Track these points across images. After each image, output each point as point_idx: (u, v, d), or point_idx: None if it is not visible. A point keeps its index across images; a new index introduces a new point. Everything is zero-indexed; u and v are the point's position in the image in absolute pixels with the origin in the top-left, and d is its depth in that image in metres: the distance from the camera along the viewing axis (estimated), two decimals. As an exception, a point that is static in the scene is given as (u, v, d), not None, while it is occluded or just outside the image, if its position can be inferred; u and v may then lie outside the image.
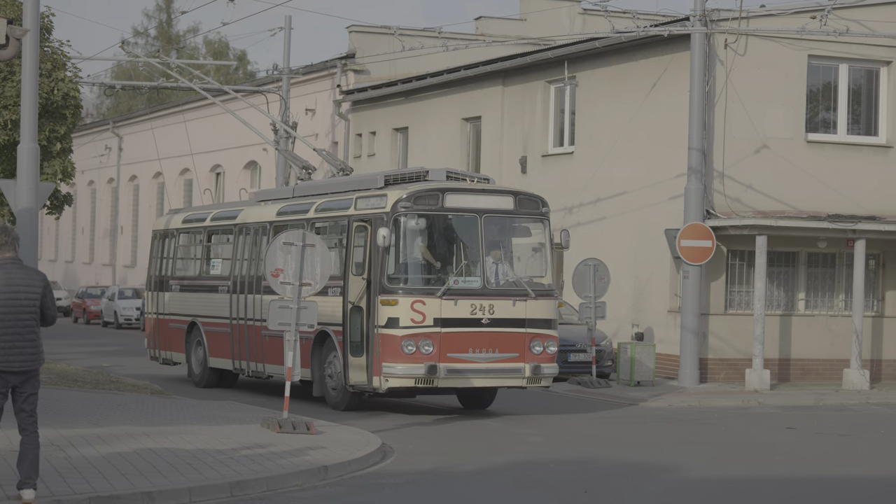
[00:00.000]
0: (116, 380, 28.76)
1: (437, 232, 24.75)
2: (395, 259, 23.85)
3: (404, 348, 23.02)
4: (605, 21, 35.36)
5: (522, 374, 23.77)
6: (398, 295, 23.27)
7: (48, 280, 13.68)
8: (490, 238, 24.16)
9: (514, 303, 23.82)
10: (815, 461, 20.15)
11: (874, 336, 34.26)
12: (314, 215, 25.97)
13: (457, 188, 24.62)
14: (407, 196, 23.62)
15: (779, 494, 17.03)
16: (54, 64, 35.97)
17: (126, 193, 76.76)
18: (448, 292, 23.33)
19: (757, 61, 33.41)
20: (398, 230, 23.56)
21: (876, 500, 16.78)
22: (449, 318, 23.35)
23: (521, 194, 25.14)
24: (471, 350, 23.49)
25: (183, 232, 32.28)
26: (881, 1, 34.67)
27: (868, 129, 35.24)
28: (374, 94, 50.36)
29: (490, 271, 23.91)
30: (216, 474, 15.89)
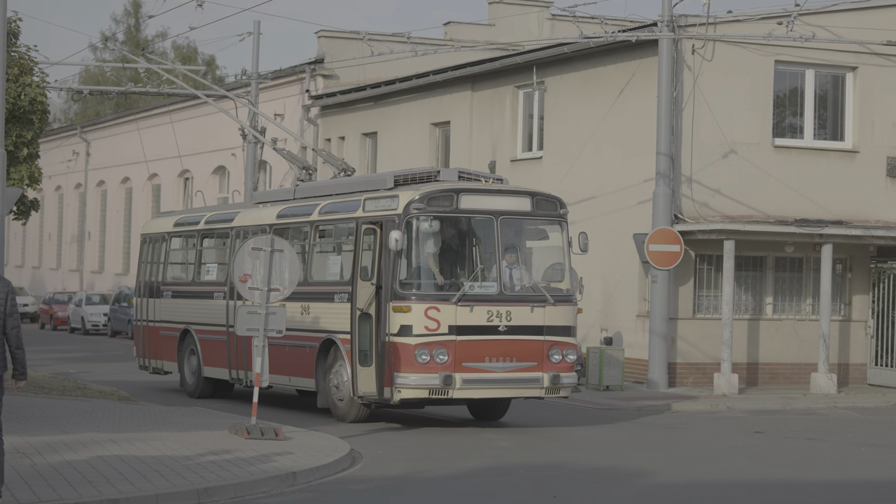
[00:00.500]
0: (83, 386, 28.64)
1: (451, 235, 23.46)
2: (408, 263, 22.64)
3: (418, 357, 21.79)
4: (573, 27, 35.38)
5: (541, 383, 22.63)
6: (411, 301, 22.07)
7: (13, 287, 13.61)
8: (506, 241, 22.91)
9: (532, 309, 22.60)
10: (783, 465, 20.14)
11: (841, 340, 34.36)
12: (318, 217, 24.94)
13: (472, 189, 23.39)
14: (420, 197, 22.42)
15: (748, 499, 17.06)
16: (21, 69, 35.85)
17: (94, 199, 76.54)
18: (463, 298, 22.14)
19: (724, 67, 33.46)
20: (411, 233, 22.33)
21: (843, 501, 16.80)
22: (465, 325, 22.13)
23: (538, 195, 23.80)
24: (487, 359, 22.27)
25: (175, 236, 31.21)
26: (847, 7, 34.78)
27: (834, 134, 35.33)
28: (342, 98, 50.30)
29: (507, 276, 22.70)
30: (183, 481, 15.82)
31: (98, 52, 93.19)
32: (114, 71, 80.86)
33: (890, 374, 33.82)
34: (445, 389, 21.85)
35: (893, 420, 27.31)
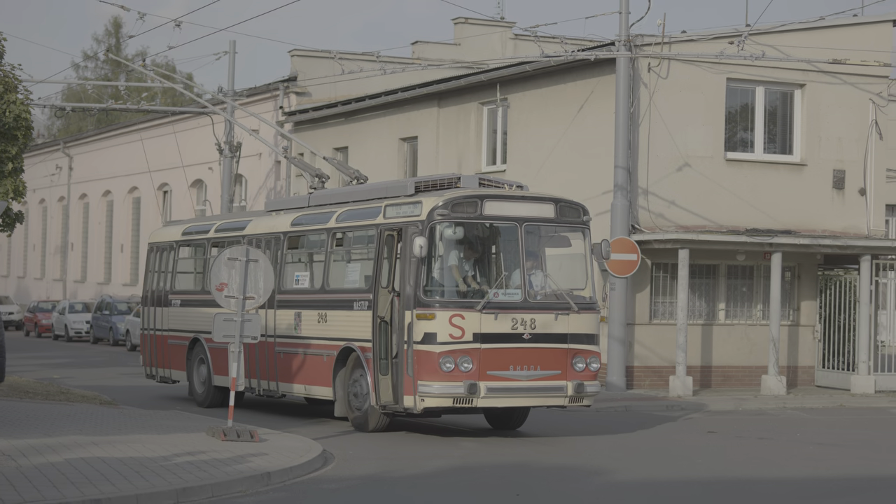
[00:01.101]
0: (67, 391, 28.54)
1: (475, 241, 21.97)
2: (432, 270, 21.25)
3: (442, 366, 20.42)
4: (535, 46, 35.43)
5: (565, 392, 21.29)
6: (436, 309, 20.66)
7: None
8: (530, 248, 21.64)
9: (557, 317, 21.25)
10: (736, 463, 20.19)
11: (790, 344, 34.50)
12: (336, 225, 23.67)
13: (496, 195, 21.94)
14: (444, 203, 21.02)
15: (701, 495, 17.10)
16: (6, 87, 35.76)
17: (76, 211, 76.39)
18: (488, 306, 20.75)
19: (678, 84, 33.58)
20: (434, 239, 20.93)
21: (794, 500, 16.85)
22: (489, 333, 20.72)
23: (562, 202, 22.39)
24: (511, 367, 20.89)
25: (183, 244, 29.89)
26: (795, 28, 34.96)
27: (783, 148, 35.48)
28: (315, 115, 50.30)
29: (531, 283, 21.28)
30: (162, 481, 15.76)
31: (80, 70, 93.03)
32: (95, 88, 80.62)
33: (836, 376, 33.97)
34: (470, 398, 20.59)
35: (839, 420, 27.40)
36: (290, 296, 24.37)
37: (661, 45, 33.50)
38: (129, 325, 52.11)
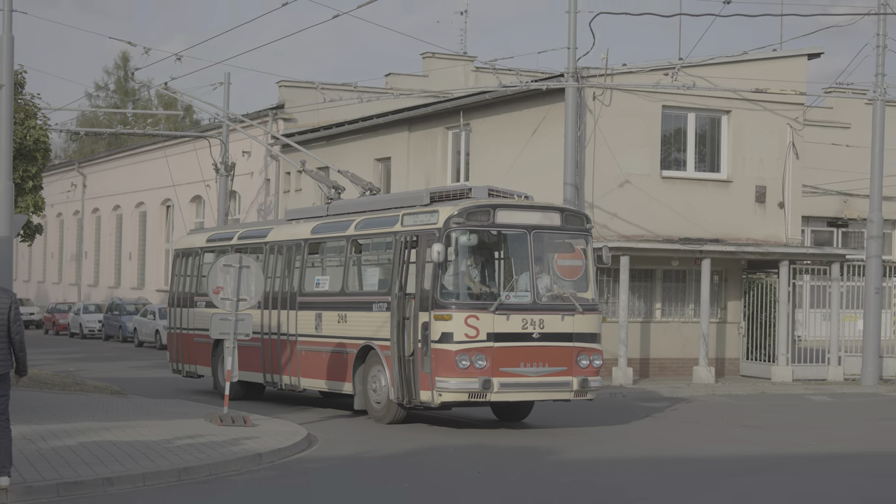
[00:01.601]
0: (81, 382, 28.41)
1: (487, 247, 21.29)
2: (448, 274, 20.33)
3: (458, 363, 19.71)
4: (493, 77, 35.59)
5: (571, 387, 20.60)
6: (452, 310, 19.89)
7: (16, 299, 13.59)
8: (538, 253, 20.80)
9: (563, 317, 20.53)
10: (671, 444, 20.27)
11: (718, 338, 34.62)
12: (355, 232, 22.91)
13: (507, 204, 21.27)
14: (459, 212, 20.29)
15: (642, 470, 17.17)
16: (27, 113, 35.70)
17: (89, 224, 76.17)
18: (501, 307, 20.05)
19: (620, 110, 33.68)
20: (450, 245, 20.13)
21: (725, 475, 16.90)
22: (502, 332, 19.99)
23: (567, 211, 21.99)
24: (522, 364, 20.18)
25: (207, 251, 28.79)
26: (721, 61, 35.09)
27: (712, 166, 35.60)
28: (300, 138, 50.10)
29: (539, 286, 20.53)
30: (166, 462, 15.74)
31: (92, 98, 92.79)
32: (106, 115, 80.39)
33: (759, 367, 34.10)
34: (484, 393, 19.86)
35: (761, 405, 27.49)
36: (311, 298, 23.70)
37: (605, 76, 33.58)
38: (137, 324, 51.94)
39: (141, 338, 50.95)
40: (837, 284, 34.63)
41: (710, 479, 16.56)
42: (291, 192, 50.99)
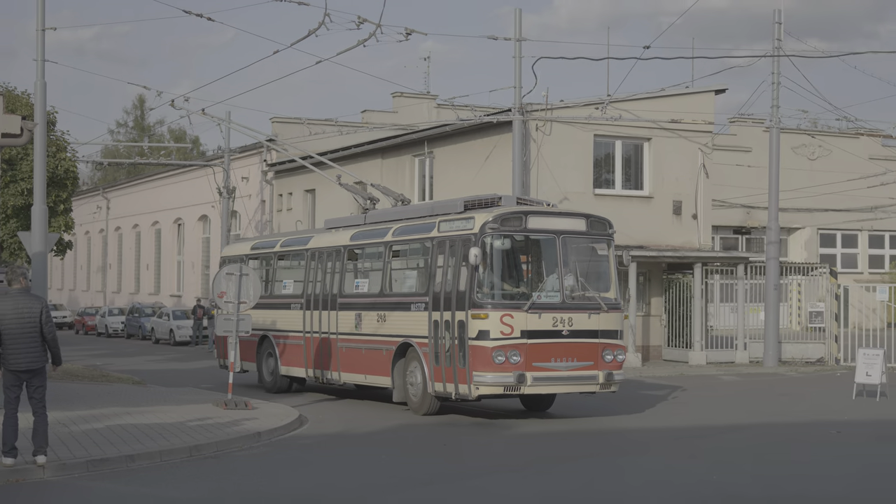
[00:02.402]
0: (107, 374, 28.27)
1: (520, 251, 19.75)
2: (484, 276, 18.68)
3: (495, 358, 18.14)
4: (452, 112, 35.61)
5: (597, 380, 19.03)
6: (488, 309, 18.33)
7: (47, 304, 13.70)
8: (566, 256, 19.20)
9: (590, 316, 18.99)
10: (612, 417, 20.23)
11: (644, 329, 34.68)
12: (392, 238, 21.43)
13: (538, 211, 19.83)
14: (493, 218, 18.73)
15: (588, 439, 17.17)
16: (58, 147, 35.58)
17: (112, 240, 75.90)
18: (533, 306, 18.51)
19: (558, 139, 33.76)
20: (486, 249, 18.53)
21: (656, 441, 16.94)
22: (534, 330, 18.44)
23: (591, 217, 20.16)
24: (553, 359, 18.62)
25: (252, 258, 26.71)
26: (643, 97, 35.25)
27: (636, 185, 35.73)
28: (290, 165, 50.14)
29: (568, 287, 18.99)
30: (179, 441, 15.71)
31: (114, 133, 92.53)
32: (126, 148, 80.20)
33: (678, 352, 34.19)
34: (518, 386, 18.34)
35: (681, 384, 27.52)
36: (351, 299, 22.26)
37: (545, 110, 33.69)
38: (154, 325, 51.67)
39: (157, 336, 50.72)
40: (742, 282, 34.81)
41: (643, 444, 16.62)
42: (284, 212, 50.85)
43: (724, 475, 13.93)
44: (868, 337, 34.84)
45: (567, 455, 15.83)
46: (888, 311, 39.40)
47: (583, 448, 16.55)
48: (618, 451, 16.26)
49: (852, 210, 51.60)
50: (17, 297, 13.33)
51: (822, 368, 32.93)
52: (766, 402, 23.30)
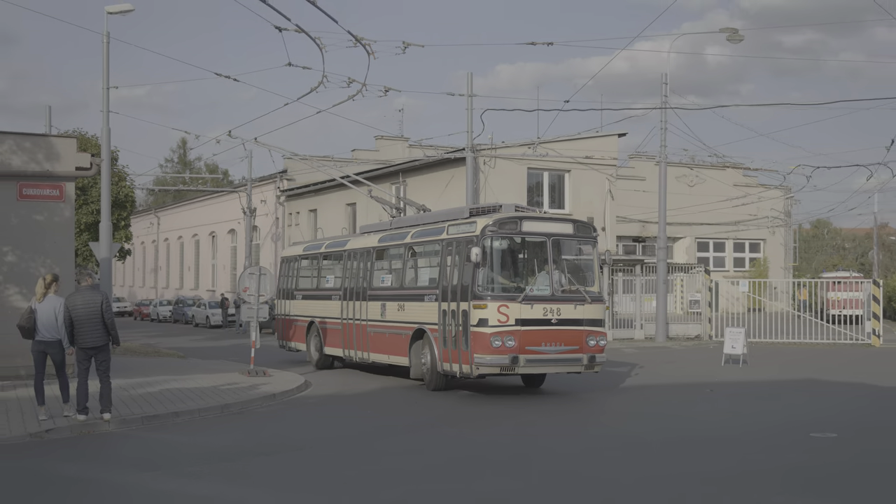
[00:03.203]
0: (158, 351, 28.00)
1: (515, 250, 17.93)
2: (484, 272, 17.03)
3: (493, 343, 16.60)
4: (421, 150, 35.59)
5: (581, 362, 17.28)
6: (487, 300, 16.73)
7: (107, 297, 13.72)
8: (556, 255, 17.52)
9: (575, 306, 17.20)
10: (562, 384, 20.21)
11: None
12: (411, 241, 20.00)
13: (531, 216, 18.00)
14: (493, 222, 17.24)
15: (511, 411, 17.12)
16: (119, 177, 35.41)
17: (162, 248, 75.39)
18: (526, 298, 16.81)
19: (500, 171, 33.84)
20: (485, 249, 16.99)
21: (565, 400, 16.93)
22: (527, 318, 16.80)
23: (578, 222, 18.35)
24: (543, 344, 16.96)
25: (303, 258, 25.23)
26: (564, 138, 35.41)
27: (560, 205, 35.90)
28: (298, 191, 50.07)
29: (556, 282, 17.24)
30: (213, 400, 15.59)
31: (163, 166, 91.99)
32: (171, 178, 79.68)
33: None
34: (513, 367, 16.81)
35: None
36: (378, 292, 20.64)
37: (491, 149, 33.79)
38: (194, 312, 51.25)
39: (196, 321, 50.33)
40: (639, 278, 34.94)
41: (560, 403, 16.59)
42: (293, 227, 50.76)
43: (628, 425, 13.96)
44: (733, 319, 35.09)
45: (506, 415, 15.78)
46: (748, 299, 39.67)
47: (519, 410, 16.51)
48: (542, 411, 16.19)
49: (721, 224, 52.01)
50: (85, 291, 13.23)
51: (699, 343, 33.13)
52: (658, 368, 23.38)
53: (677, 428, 13.59)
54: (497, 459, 11.22)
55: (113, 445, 12.26)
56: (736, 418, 14.68)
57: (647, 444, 12.18)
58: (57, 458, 11.26)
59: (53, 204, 18.73)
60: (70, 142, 19.24)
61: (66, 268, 18.51)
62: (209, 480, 9.91)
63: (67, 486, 9.76)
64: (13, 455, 11.42)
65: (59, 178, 18.72)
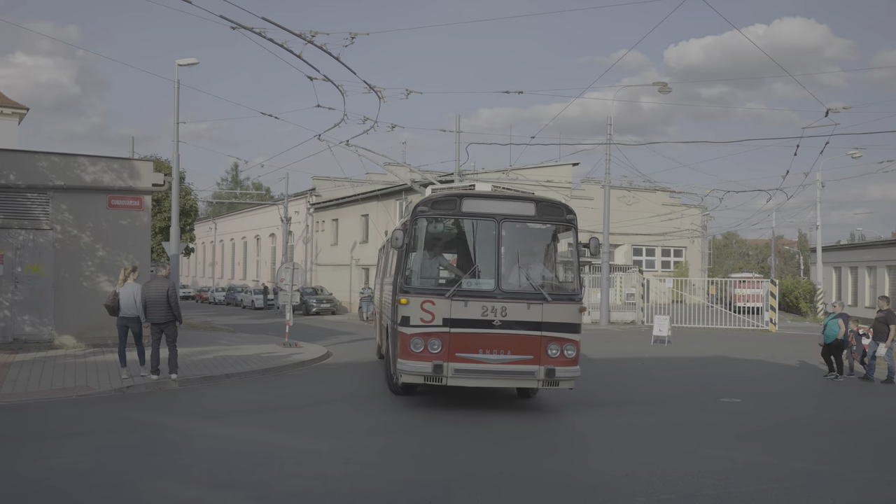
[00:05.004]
0: (213, 326, 27.88)
1: (454, 235, 11.70)
2: (412, 260, 11.19)
3: (412, 346, 10.79)
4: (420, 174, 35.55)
5: (536, 376, 10.88)
6: (410, 295, 10.89)
7: (172, 284, 13.58)
8: (508, 243, 11.13)
9: (529, 306, 10.82)
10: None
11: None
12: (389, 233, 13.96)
13: (476, 193, 11.42)
14: (424, 200, 11.33)
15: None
16: (186, 192, 35.28)
17: (218, 248, 75.02)
18: (458, 293, 10.79)
19: (482, 191, 33.74)
20: (416, 233, 11.19)
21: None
22: (458, 318, 10.74)
23: (543, 201, 11.53)
24: (481, 351, 10.78)
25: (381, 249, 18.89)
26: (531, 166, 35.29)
27: (527, 218, 35.87)
28: (324, 205, 49.90)
29: (504, 275, 10.98)
30: (256, 365, 15.55)
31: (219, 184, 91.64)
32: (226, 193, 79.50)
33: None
34: (437, 377, 10.81)
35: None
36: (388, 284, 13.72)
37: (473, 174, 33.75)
38: (242, 297, 51.05)
39: (244, 304, 50.12)
40: (588, 276, 34.90)
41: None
42: (319, 232, 50.59)
43: (578, 392, 13.99)
44: (660, 308, 35.18)
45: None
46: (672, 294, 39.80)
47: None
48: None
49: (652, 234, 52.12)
50: (157, 280, 13.24)
51: (634, 327, 33.15)
52: (601, 345, 23.41)
53: (617, 393, 13.60)
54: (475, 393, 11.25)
55: (178, 399, 12.25)
56: (662, 383, 14.72)
57: (587, 404, 12.15)
58: (135, 408, 11.26)
59: (134, 212, 18.72)
60: (148, 164, 19.23)
61: (143, 261, 18.50)
62: (252, 427, 9.92)
63: (143, 429, 9.78)
64: (103, 405, 11.44)
65: (139, 192, 18.73)
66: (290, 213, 49.71)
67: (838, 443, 9.69)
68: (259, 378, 14.51)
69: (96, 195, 18.34)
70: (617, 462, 8.42)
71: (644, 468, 8.15)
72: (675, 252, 55.71)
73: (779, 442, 9.66)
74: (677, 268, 54.69)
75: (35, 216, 17.85)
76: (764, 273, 62.29)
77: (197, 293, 65.25)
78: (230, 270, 71.90)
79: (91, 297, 17.83)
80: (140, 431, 9.62)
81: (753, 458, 8.74)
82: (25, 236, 17.73)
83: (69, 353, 16.57)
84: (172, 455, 8.46)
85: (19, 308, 17.48)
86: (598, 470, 8.09)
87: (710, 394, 13.33)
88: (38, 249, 17.81)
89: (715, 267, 64.82)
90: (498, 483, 7.51)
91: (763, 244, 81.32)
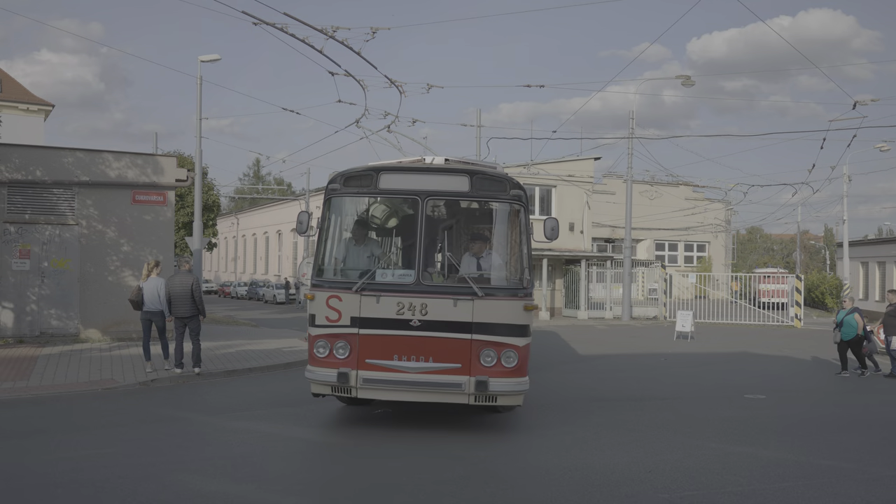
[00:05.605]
0: (236, 320, 28.02)
1: (368, 218, 9.77)
2: (322, 250, 9.30)
3: (316, 351, 8.78)
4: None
5: (464, 389, 8.47)
6: (315, 289, 8.95)
7: (196, 279, 13.67)
8: (434, 225, 8.96)
9: (456, 303, 8.48)
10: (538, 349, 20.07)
11: (552, 298, 34.57)
12: None
13: (396, 167, 9.02)
14: (336, 177, 9.13)
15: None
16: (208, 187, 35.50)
17: (240, 242, 75.57)
18: (368, 287, 8.64)
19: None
20: (326, 216, 9.26)
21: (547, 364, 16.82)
22: (369, 317, 8.59)
23: (480, 174, 8.81)
24: (396, 357, 8.54)
25: None
26: (552, 161, 35.20)
27: (548, 213, 35.71)
28: (345, 199, 49.89)
29: (426, 265, 8.71)
30: (278, 359, 15.64)
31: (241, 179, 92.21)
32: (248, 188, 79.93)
33: (571, 311, 34.03)
34: (344, 387, 8.69)
35: (573, 330, 27.51)
36: None
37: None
38: (264, 292, 51.41)
39: (266, 299, 50.44)
40: (610, 271, 34.80)
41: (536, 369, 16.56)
42: (341, 226, 50.77)
43: (595, 384, 13.94)
44: (683, 304, 34.95)
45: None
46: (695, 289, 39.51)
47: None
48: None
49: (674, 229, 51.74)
50: (181, 274, 13.37)
51: (656, 322, 32.99)
52: (623, 341, 23.34)
53: (636, 388, 13.54)
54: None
55: (201, 392, 12.36)
56: (685, 380, 14.63)
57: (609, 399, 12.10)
58: (159, 402, 11.37)
59: (158, 207, 18.90)
60: (171, 160, 19.39)
61: (166, 256, 18.68)
62: (273, 421, 9.96)
63: (168, 422, 9.87)
64: (128, 398, 11.57)
65: (163, 187, 18.89)
66: (312, 209, 49.91)
67: (866, 440, 9.57)
68: (282, 372, 14.60)
69: (121, 191, 18.54)
70: (640, 458, 8.38)
71: (667, 464, 8.11)
72: (699, 247, 55.26)
73: (804, 439, 9.56)
74: (700, 263, 54.27)
75: (61, 211, 18.10)
76: (789, 268, 61.65)
77: (219, 287, 65.83)
78: (252, 265, 72.42)
79: (116, 291, 18.05)
80: (164, 424, 9.71)
81: (779, 455, 8.66)
82: (52, 231, 18.00)
83: (94, 346, 16.78)
84: (196, 448, 8.53)
85: (46, 302, 17.76)
86: (620, 465, 8.05)
87: (734, 390, 13.23)
88: (63, 244, 18.06)
89: (739, 262, 64.25)
90: (519, 477, 7.50)
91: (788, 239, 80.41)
